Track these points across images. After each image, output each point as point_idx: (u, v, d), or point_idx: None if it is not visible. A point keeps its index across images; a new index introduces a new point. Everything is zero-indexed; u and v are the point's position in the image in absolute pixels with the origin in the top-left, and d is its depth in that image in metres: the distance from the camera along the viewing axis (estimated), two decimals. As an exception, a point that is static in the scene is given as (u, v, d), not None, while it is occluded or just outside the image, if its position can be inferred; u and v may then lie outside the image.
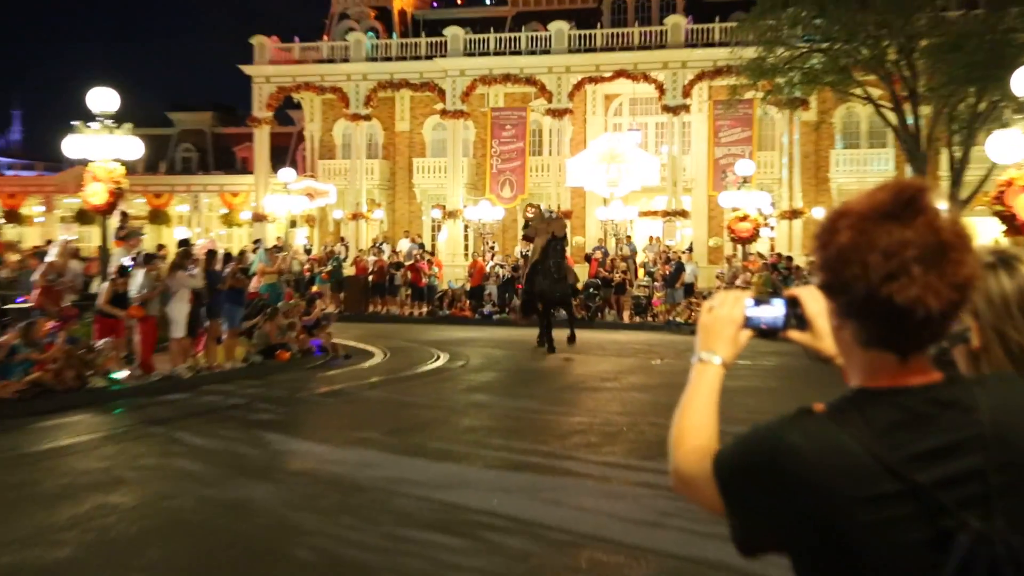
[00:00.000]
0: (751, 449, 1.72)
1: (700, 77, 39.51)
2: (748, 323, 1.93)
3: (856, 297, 1.66)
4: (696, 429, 1.89)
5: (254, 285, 21.92)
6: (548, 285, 20.67)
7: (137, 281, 16.46)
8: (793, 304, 1.91)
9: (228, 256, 20.08)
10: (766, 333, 1.93)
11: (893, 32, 27.17)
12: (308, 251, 40.30)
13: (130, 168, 19.60)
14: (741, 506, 1.72)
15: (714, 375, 1.94)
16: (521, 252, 37.12)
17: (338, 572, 6.68)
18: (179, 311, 16.60)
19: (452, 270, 38.16)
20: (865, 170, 39.74)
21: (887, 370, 1.70)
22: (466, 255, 41.06)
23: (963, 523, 1.60)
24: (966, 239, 1.66)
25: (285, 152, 47.67)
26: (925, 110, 28.45)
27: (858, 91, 29.78)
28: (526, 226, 22.71)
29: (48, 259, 19.13)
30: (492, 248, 37.74)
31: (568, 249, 22.12)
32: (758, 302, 1.93)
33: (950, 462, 1.63)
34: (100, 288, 16.94)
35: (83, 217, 41.62)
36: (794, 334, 1.92)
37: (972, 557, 1.58)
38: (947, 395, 1.69)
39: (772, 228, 40.14)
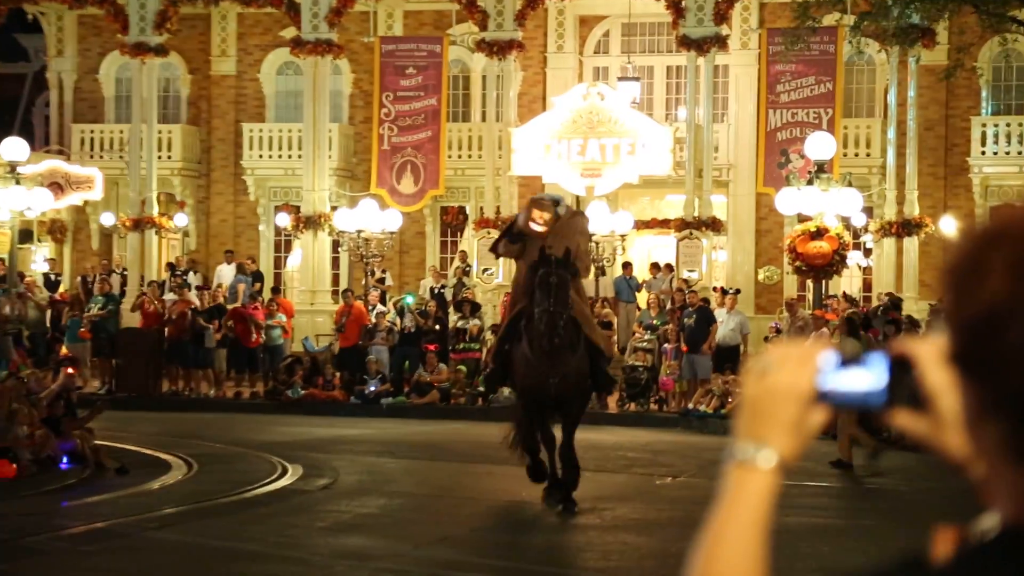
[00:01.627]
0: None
1: (744, -11, 40.01)
2: (825, 398, 1.94)
3: (1014, 386, 1.69)
4: (730, 579, 1.90)
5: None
6: (534, 368, 17.07)
7: None
8: (902, 367, 1.93)
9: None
10: (857, 415, 1.94)
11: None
12: (54, 282, 39.86)
13: None
14: None
15: (762, 487, 1.95)
16: (432, 288, 37.16)
17: None
18: None
19: (310, 320, 37.84)
20: (1031, 152, 40.46)
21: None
22: (336, 294, 40.88)
23: None
24: None
25: (13, 109, 47.22)
26: None
27: (1021, 14, 30.27)
28: (508, 234, 18.31)
29: None
30: (382, 281, 37.57)
31: (589, 284, 18.79)
32: (843, 362, 1.95)
33: None
34: None
35: None
36: (901, 418, 1.93)
37: None
38: None
39: (867, 252, 40.39)
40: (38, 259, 43.62)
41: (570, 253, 16.71)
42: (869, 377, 1.92)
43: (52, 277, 41.30)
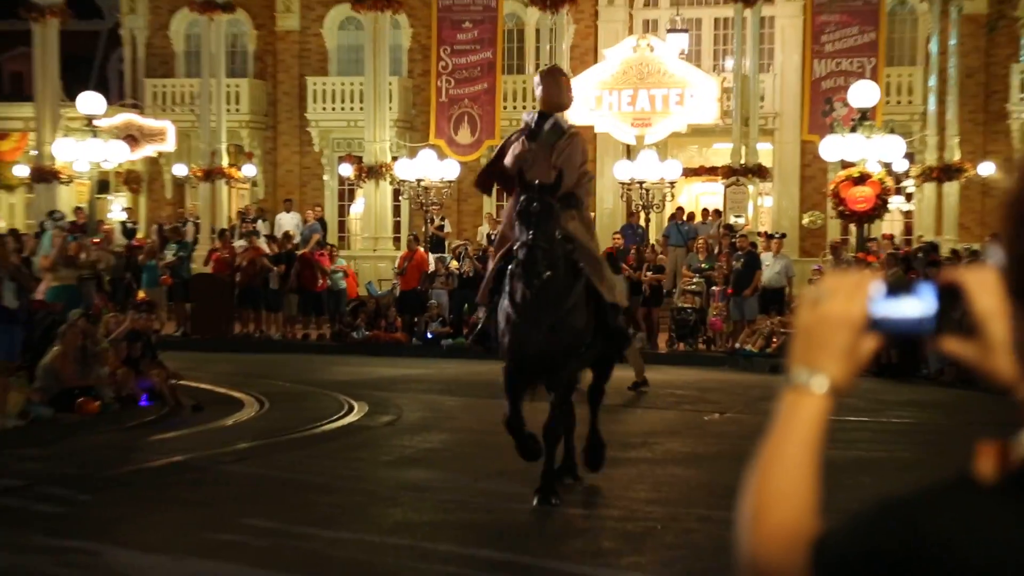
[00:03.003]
0: (874, 536, 1.78)
1: (789, -57, 39.68)
2: (876, 325, 1.97)
3: None
4: (784, 498, 1.94)
5: (41, 289, 21.73)
6: (514, 319, 13.08)
7: None
8: (950, 295, 1.95)
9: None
10: (905, 342, 1.96)
11: None
12: (130, 232, 40.12)
13: None
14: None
15: (816, 410, 1.99)
16: (489, 235, 37.12)
17: None
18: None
19: (373, 265, 37.99)
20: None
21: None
22: (397, 240, 40.99)
23: None
24: None
25: (88, 65, 47.35)
26: None
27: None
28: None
29: None
30: (441, 228, 37.62)
31: (581, 207, 13.79)
32: (893, 291, 1.97)
33: None
34: None
35: None
36: (951, 343, 1.95)
37: None
38: None
39: (909, 197, 40.18)
40: (115, 208, 44.00)
41: (562, 177, 12.63)
42: (919, 305, 1.95)
43: (129, 225, 41.63)
